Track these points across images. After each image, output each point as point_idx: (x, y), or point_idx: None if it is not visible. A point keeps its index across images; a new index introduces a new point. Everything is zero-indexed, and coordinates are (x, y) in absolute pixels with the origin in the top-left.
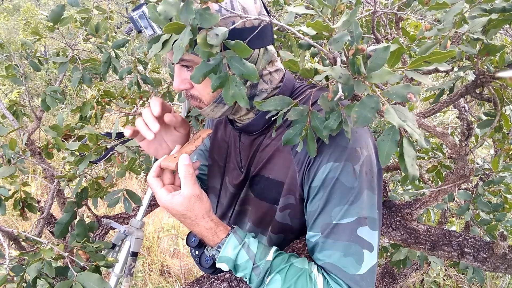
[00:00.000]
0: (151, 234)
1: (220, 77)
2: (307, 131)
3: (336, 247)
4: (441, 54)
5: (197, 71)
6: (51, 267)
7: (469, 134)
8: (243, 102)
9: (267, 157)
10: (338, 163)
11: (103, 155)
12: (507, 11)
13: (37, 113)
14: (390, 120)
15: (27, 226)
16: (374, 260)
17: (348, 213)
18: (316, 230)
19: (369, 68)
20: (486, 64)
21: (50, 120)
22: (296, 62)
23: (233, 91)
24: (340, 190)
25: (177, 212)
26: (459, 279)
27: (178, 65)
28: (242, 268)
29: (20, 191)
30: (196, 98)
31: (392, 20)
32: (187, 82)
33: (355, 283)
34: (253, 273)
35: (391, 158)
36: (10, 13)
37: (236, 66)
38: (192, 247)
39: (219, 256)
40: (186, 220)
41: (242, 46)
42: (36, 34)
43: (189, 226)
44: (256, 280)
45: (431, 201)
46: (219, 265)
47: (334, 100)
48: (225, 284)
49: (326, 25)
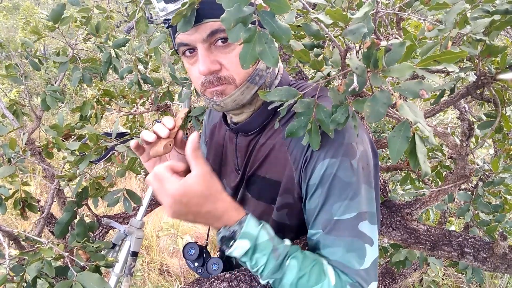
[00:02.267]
0: (151, 233)
1: (249, 29)
2: (312, 124)
3: (338, 243)
4: (452, 54)
5: (229, 14)
6: (51, 267)
7: (470, 134)
8: (272, 61)
9: (263, 156)
10: (335, 159)
11: (103, 154)
12: (509, 13)
13: (37, 112)
14: (405, 115)
15: (26, 226)
16: (375, 254)
17: (349, 208)
18: (317, 227)
19: (386, 62)
20: (488, 65)
21: (49, 119)
22: (308, 53)
23: (262, 48)
24: (339, 185)
25: (195, 194)
26: (458, 278)
27: (205, 45)
28: (262, 248)
29: (20, 190)
30: (227, 80)
31: (393, 20)
32: (217, 62)
33: (360, 277)
34: (272, 255)
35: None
36: (9, 11)
37: (268, 22)
38: (191, 260)
39: (242, 231)
40: (207, 202)
41: (282, 0)
42: (36, 33)
43: (211, 209)
44: (274, 263)
45: (431, 201)
46: (239, 243)
47: (344, 93)
48: (225, 284)
49: (345, 15)
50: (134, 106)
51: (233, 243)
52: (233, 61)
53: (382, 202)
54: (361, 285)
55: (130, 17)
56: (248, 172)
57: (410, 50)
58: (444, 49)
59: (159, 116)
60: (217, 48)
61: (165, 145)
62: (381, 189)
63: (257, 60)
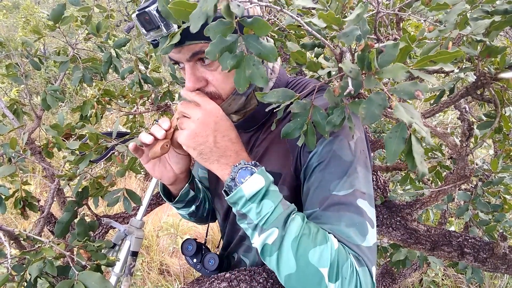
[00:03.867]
0: (150, 233)
1: (236, 56)
2: (308, 125)
3: (337, 218)
4: (447, 54)
5: (213, 46)
6: (52, 266)
7: (469, 135)
8: (262, 82)
9: (263, 150)
10: (333, 137)
11: (104, 154)
12: (509, 13)
13: (37, 112)
14: (400, 116)
15: (26, 225)
16: (375, 238)
17: (346, 184)
18: (312, 206)
19: (380, 64)
20: (487, 66)
21: (49, 118)
22: (304, 54)
23: (251, 70)
24: (337, 162)
25: (223, 117)
26: (457, 279)
27: (190, 63)
28: (272, 195)
29: (21, 190)
30: (213, 95)
31: (393, 21)
32: (202, 79)
33: (361, 252)
34: (281, 204)
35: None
36: (9, 10)
37: (253, 45)
38: (189, 256)
39: (261, 169)
40: (231, 129)
41: (261, 23)
42: (36, 32)
43: (233, 138)
44: (281, 212)
45: (431, 201)
46: (255, 178)
47: (340, 96)
48: (225, 284)
49: (338, 18)
50: (134, 106)
51: (248, 178)
52: (218, 78)
53: (382, 202)
54: (364, 262)
55: (130, 17)
56: None
57: (405, 51)
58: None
59: (159, 116)
60: (202, 66)
61: (162, 146)
62: (381, 189)
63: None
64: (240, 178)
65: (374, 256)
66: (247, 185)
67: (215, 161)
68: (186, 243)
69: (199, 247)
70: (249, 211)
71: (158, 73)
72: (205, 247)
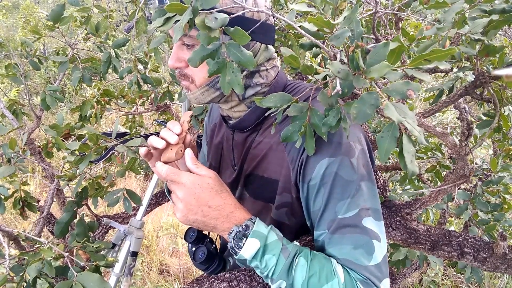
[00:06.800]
0: (150, 233)
1: (217, 63)
2: (306, 128)
3: (344, 241)
4: (441, 52)
5: (195, 54)
6: (51, 267)
7: (469, 134)
8: (238, 89)
9: (261, 155)
10: (335, 158)
11: (103, 154)
12: (507, 12)
13: (36, 112)
14: (390, 115)
15: (26, 225)
16: (384, 250)
17: (351, 206)
18: (322, 228)
19: (368, 64)
20: (486, 65)
21: (49, 118)
22: (297, 58)
23: (230, 77)
24: (341, 184)
25: (208, 186)
26: (457, 278)
27: (178, 43)
28: (272, 248)
29: (20, 190)
30: (189, 78)
31: (392, 21)
32: (183, 60)
33: (370, 273)
34: (282, 254)
35: (389, 158)
36: (9, 10)
37: (234, 53)
38: (190, 243)
39: (253, 230)
40: (218, 196)
41: (241, 33)
42: (35, 33)
43: (222, 204)
44: (284, 263)
45: (431, 201)
46: (250, 242)
47: (333, 97)
48: (225, 284)
49: (327, 21)
50: (133, 106)
51: (245, 242)
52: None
53: (382, 202)
54: (372, 282)
55: (130, 17)
56: (245, 171)
57: (398, 51)
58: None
59: (159, 116)
60: (187, 49)
61: (177, 151)
62: (380, 189)
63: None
64: (238, 245)
65: (385, 268)
66: (245, 250)
67: (213, 228)
68: (190, 230)
69: (201, 237)
70: (256, 268)
71: (157, 73)
72: (208, 239)
